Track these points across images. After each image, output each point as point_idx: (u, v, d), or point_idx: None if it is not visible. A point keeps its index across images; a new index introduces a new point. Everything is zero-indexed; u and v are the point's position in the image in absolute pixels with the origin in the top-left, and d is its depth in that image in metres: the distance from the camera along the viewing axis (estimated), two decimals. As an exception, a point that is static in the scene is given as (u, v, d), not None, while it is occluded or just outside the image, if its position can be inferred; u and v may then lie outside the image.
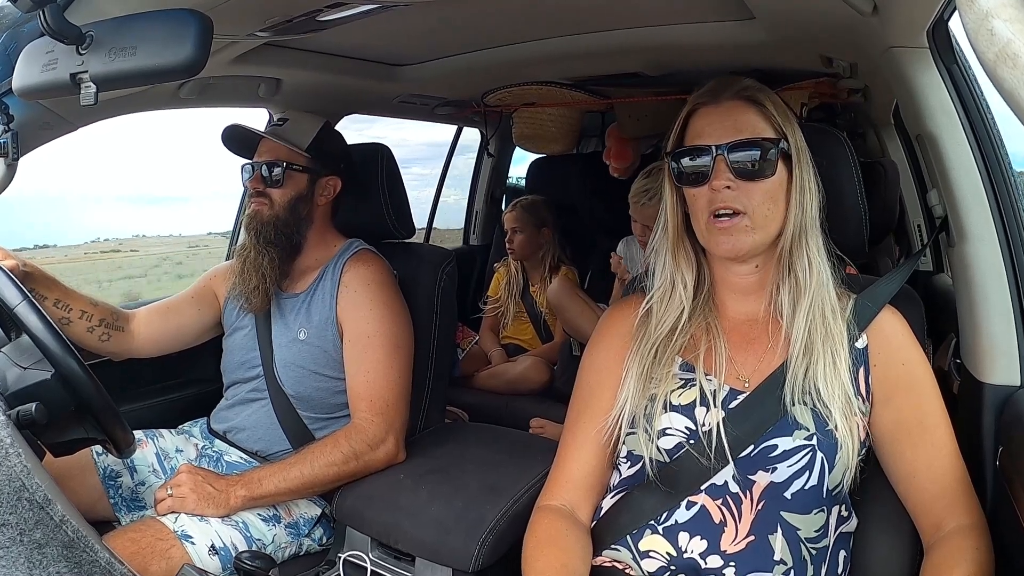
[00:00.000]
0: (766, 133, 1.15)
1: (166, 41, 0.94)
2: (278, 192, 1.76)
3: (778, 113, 1.17)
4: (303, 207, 1.78)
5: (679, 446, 1.16)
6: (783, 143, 1.15)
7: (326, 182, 1.82)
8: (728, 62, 2.06)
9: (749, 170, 1.14)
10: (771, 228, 1.16)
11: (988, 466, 1.21)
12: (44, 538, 0.77)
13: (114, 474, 1.68)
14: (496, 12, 1.72)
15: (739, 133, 1.15)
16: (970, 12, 0.50)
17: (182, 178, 7.05)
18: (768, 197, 1.14)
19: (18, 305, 1.20)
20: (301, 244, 1.80)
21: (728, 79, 1.21)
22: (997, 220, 1.26)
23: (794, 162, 1.15)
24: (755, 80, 1.21)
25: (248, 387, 1.80)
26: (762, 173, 1.14)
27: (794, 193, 1.15)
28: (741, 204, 1.14)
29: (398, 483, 1.60)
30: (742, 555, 1.11)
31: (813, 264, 1.15)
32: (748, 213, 1.14)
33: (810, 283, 1.15)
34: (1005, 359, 1.24)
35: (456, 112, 2.99)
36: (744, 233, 1.14)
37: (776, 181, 1.15)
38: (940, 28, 1.28)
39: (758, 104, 1.17)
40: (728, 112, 1.17)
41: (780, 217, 1.16)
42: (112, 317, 1.76)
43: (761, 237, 1.16)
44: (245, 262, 1.77)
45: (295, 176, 1.77)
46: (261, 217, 1.76)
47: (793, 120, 1.18)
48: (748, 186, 1.14)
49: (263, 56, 1.77)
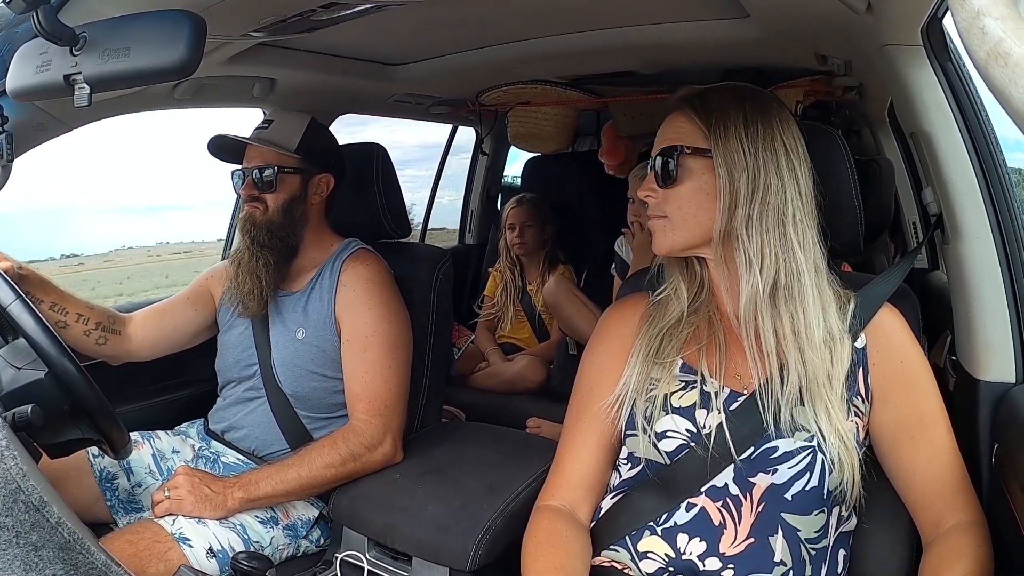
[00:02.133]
0: (686, 139, 1.16)
1: (160, 42, 0.94)
2: (271, 196, 1.75)
3: (707, 116, 1.16)
4: (297, 208, 1.77)
5: (680, 448, 1.16)
6: (689, 148, 1.15)
7: (319, 180, 1.81)
8: (722, 60, 2.07)
9: (664, 177, 1.17)
10: (694, 230, 1.17)
11: (984, 463, 1.21)
12: (40, 540, 0.76)
13: (110, 476, 1.68)
14: (490, 11, 1.72)
15: (663, 143, 1.19)
16: (962, 10, 0.50)
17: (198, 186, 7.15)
18: (684, 200, 1.16)
19: (11, 304, 1.19)
20: (297, 245, 1.79)
21: (685, 87, 1.22)
22: (992, 217, 1.26)
23: (717, 163, 1.14)
24: (714, 84, 1.22)
25: (244, 386, 1.80)
26: (673, 179, 1.16)
27: (719, 193, 1.14)
28: (661, 209, 1.18)
29: (395, 483, 1.60)
30: (741, 557, 1.11)
31: (752, 265, 1.13)
32: (668, 216, 1.17)
33: (747, 284, 1.13)
34: (1000, 356, 1.25)
35: (451, 111, 2.99)
36: (663, 233, 1.19)
37: (692, 185, 1.16)
38: (934, 26, 1.29)
39: (684, 111, 1.18)
40: (667, 123, 1.21)
41: (708, 218, 1.16)
42: (109, 320, 1.76)
43: (682, 237, 1.18)
44: (240, 265, 1.76)
45: (287, 178, 1.76)
46: (254, 220, 1.75)
47: (738, 116, 1.15)
48: (665, 192, 1.17)
49: (257, 56, 1.77)
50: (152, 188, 7.33)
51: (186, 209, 9.08)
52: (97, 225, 7.33)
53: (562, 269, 3.04)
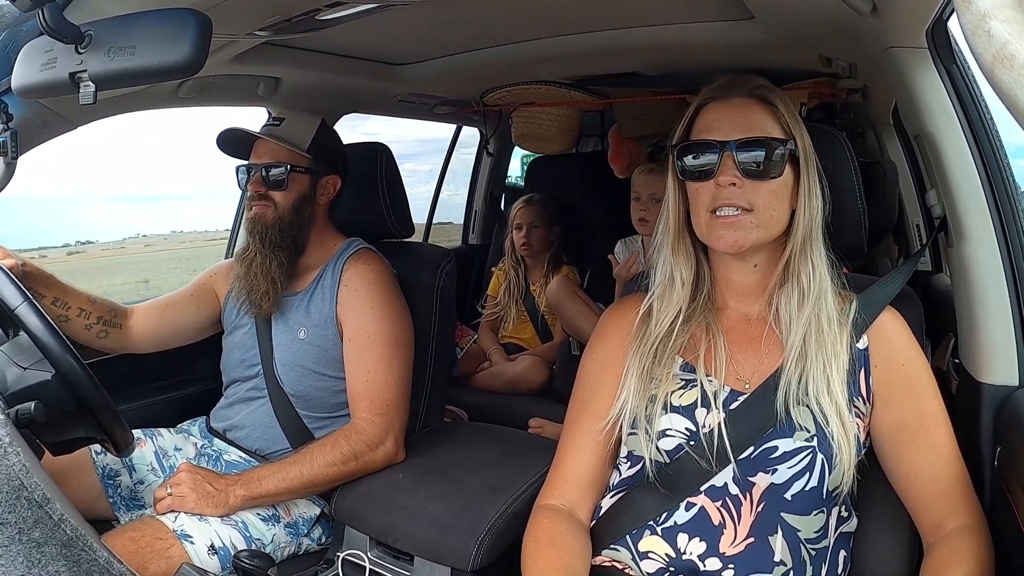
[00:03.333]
0: (775, 133, 1.15)
1: (165, 40, 0.94)
2: (281, 194, 1.74)
3: (788, 115, 1.16)
4: (307, 208, 1.77)
5: (679, 447, 1.15)
6: (791, 144, 1.15)
7: (327, 181, 1.81)
8: (727, 62, 2.06)
9: (756, 169, 1.13)
10: (774, 228, 1.16)
11: (986, 466, 1.21)
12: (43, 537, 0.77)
13: (113, 473, 1.68)
14: (495, 12, 1.73)
15: (748, 131, 1.14)
16: (968, 13, 0.50)
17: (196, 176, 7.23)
18: (774, 197, 1.14)
19: (19, 306, 1.20)
20: (304, 245, 1.80)
21: (740, 77, 1.20)
22: (996, 220, 1.26)
23: (801, 165, 1.15)
24: (767, 81, 1.21)
25: (247, 386, 1.80)
26: (769, 173, 1.13)
27: (801, 196, 1.15)
28: (746, 201, 1.13)
29: (397, 482, 1.60)
30: (741, 557, 1.11)
31: (817, 271, 1.15)
32: (754, 210, 1.14)
33: (813, 290, 1.14)
34: (1003, 359, 1.25)
35: (455, 111, 2.99)
36: (748, 228, 1.14)
37: (782, 182, 1.14)
38: (939, 28, 1.29)
39: (769, 103, 1.17)
40: (738, 109, 1.17)
41: (784, 218, 1.16)
42: (110, 314, 1.77)
43: (764, 235, 1.15)
44: (251, 266, 1.75)
45: (298, 177, 1.76)
46: (265, 220, 1.74)
47: (801, 123, 1.17)
48: (754, 184, 1.13)
49: (262, 55, 1.77)
50: (150, 178, 7.41)
51: (187, 199, 9.16)
52: (102, 213, 7.45)
53: (566, 270, 3.04)
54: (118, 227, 6.66)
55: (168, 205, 8.53)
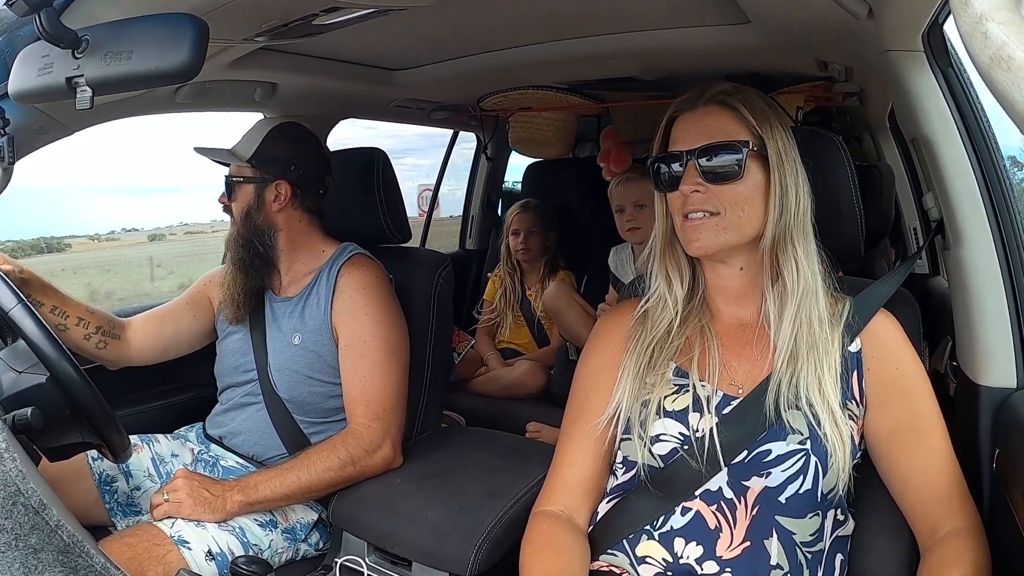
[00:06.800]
0: (738, 135, 1.15)
1: (162, 45, 0.94)
2: (234, 206, 1.79)
3: (755, 115, 1.16)
4: (257, 216, 1.77)
5: (673, 452, 1.16)
6: (753, 146, 1.15)
7: (274, 187, 1.78)
8: (723, 66, 2.07)
9: (717, 173, 1.15)
10: (745, 230, 1.16)
11: (985, 468, 1.21)
12: (39, 543, 0.76)
13: (109, 479, 1.68)
14: (492, 16, 1.73)
15: (709, 137, 1.16)
16: (964, 15, 0.50)
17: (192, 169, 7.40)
18: (740, 199, 1.15)
19: (12, 309, 1.20)
20: (270, 253, 1.80)
21: (707, 85, 1.21)
22: (993, 223, 1.26)
23: (772, 164, 1.15)
24: (736, 84, 1.22)
25: (242, 391, 1.80)
26: (730, 176, 1.14)
27: (772, 195, 1.15)
28: (712, 206, 1.15)
29: (395, 488, 1.60)
30: (738, 561, 1.11)
31: (800, 269, 1.15)
32: (721, 214, 1.15)
33: (797, 288, 1.15)
34: (1001, 361, 1.25)
35: (452, 116, 3.00)
36: (713, 232, 1.16)
37: (748, 183, 1.15)
38: (935, 31, 1.29)
39: (731, 107, 1.18)
40: (702, 117, 1.19)
41: (758, 219, 1.16)
42: (109, 325, 1.76)
43: (733, 237, 1.16)
44: (224, 282, 1.82)
45: (242, 188, 1.78)
46: (230, 235, 1.80)
47: (777, 121, 1.17)
48: (718, 188, 1.15)
49: (259, 60, 1.77)
50: (144, 170, 7.53)
51: (182, 192, 9.23)
52: (93, 205, 7.61)
53: (562, 275, 3.04)
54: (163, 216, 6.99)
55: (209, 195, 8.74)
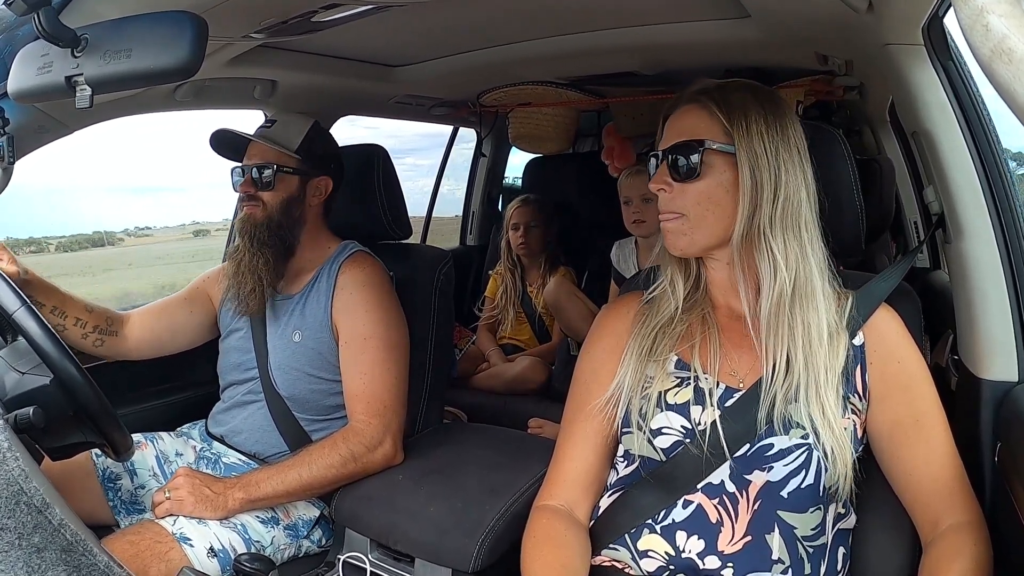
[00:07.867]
0: (705, 134, 1.15)
1: (161, 43, 0.94)
2: (269, 195, 1.75)
3: (729, 112, 1.14)
4: (296, 209, 1.78)
5: (675, 445, 1.16)
6: (716, 143, 1.14)
7: (317, 183, 1.80)
8: (723, 60, 2.07)
9: (682, 171, 1.15)
10: (714, 229, 1.16)
11: (986, 462, 1.21)
12: (43, 542, 0.77)
13: (114, 477, 1.68)
14: (491, 12, 1.73)
15: (680, 136, 1.16)
16: (965, 8, 0.50)
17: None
18: (704, 197, 1.15)
19: (16, 311, 1.20)
20: (294, 246, 1.80)
21: (694, 83, 1.21)
22: (994, 216, 1.26)
23: (740, 160, 1.13)
24: (728, 80, 1.21)
25: (244, 389, 1.80)
26: (692, 174, 1.14)
27: (741, 191, 1.13)
28: (677, 206, 1.16)
29: (397, 484, 1.60)
30: (740, 555, 1.11)
31: (777, 267, 1.13)
32: (685, 214, 1.16)
33: (773, 285, 1.13)
34: (1002, 355, 1.24)
35: (452, 112, 2.99)
36: (679, 234, 1.17)
37: (712, 181, 1.14)
38: (935, 25, 1.29)
39: (703, 105, 1.17)
40: (680, 117, 1.19)
41: (727, 216, 1.15)
42: (106, 323, 1.77)
43: (702, 238, 1.16)
44: (240, 265, 1.76)
45: (286, 178, 1.76)
46: (254, 219, 1.75)
47: (759, 117, 1.14)
48: (683, 188, 1.15)
49: (258, 58, 1.77)
50: (144, 168, 7.56)
51: (181, 191, 9.25)
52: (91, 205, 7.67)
53: (563, 271, 3.04)
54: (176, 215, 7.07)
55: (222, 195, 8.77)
